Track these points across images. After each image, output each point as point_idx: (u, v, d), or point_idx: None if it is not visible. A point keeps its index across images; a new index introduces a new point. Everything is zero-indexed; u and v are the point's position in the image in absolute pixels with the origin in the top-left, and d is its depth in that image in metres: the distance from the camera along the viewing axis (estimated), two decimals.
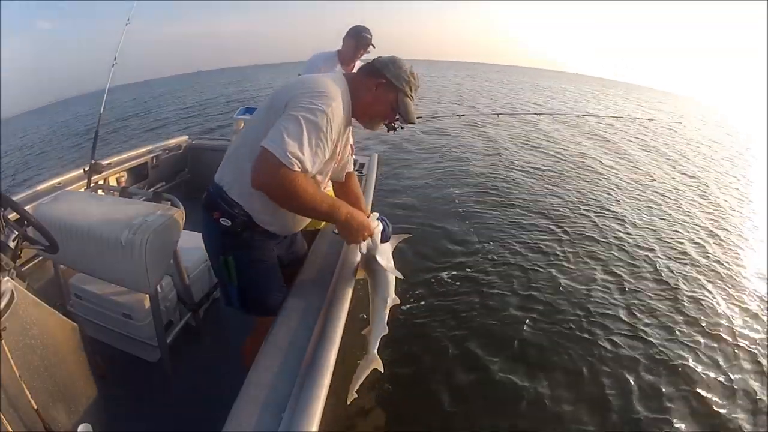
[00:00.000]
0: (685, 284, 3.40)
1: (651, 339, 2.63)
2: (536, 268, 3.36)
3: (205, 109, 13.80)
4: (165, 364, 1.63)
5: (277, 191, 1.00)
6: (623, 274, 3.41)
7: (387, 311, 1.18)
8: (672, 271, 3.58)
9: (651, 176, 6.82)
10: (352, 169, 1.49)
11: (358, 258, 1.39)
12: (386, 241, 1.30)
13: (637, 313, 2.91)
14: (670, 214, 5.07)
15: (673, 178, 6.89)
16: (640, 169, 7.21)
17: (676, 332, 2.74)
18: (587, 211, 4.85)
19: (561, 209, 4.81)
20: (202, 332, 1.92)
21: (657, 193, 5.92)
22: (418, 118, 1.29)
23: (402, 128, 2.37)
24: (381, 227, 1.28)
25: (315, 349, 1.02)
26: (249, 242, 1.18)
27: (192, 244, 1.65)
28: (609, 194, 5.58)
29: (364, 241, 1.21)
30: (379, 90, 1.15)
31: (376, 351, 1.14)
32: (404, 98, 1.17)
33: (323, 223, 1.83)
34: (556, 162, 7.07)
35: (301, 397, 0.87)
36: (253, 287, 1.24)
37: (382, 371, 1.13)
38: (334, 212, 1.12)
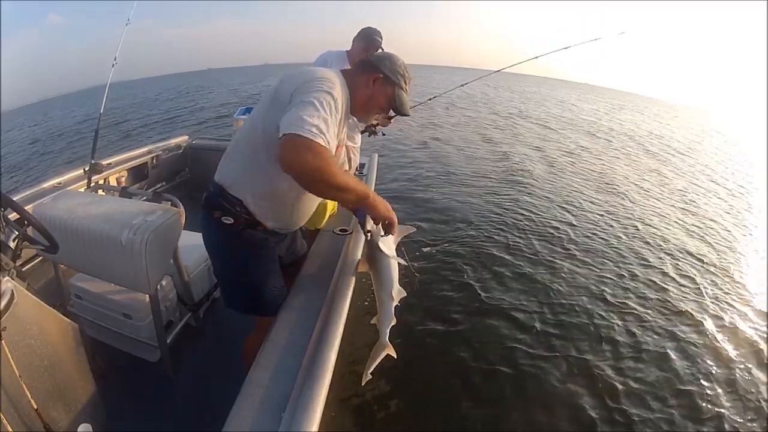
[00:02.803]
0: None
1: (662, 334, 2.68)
2: (546, 265, 3.39)
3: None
4: (165, 364, 1.63)
5: (307, 168, 0.91)
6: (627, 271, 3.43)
7: (392, 302, 1.18)
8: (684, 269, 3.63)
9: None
10: (347, 168, 1.49)
11: (360, 253, 1.38)
12: None
13: (644, 307, 2.95)
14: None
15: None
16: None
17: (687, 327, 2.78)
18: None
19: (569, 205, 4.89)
20: (202, 332, 1.92)
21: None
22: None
23: (383, 134, 2.43)
24: None
25: (315, 349, 1.02)
26: (250, 241, 1.18)
27: (192, 244, 1.65)
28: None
29: (392, 220, 1.18)
30: (376, 84, 1.17)
31: (387, 339, 1.15)
32: (400, 91, 1.20)
33: (323, 222, 1.83)
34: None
35: (301, 397, 0.86)
36: (256, 286, 1.24)
37: (395, 357, 1.14)
38: (362, 188, 1.06)
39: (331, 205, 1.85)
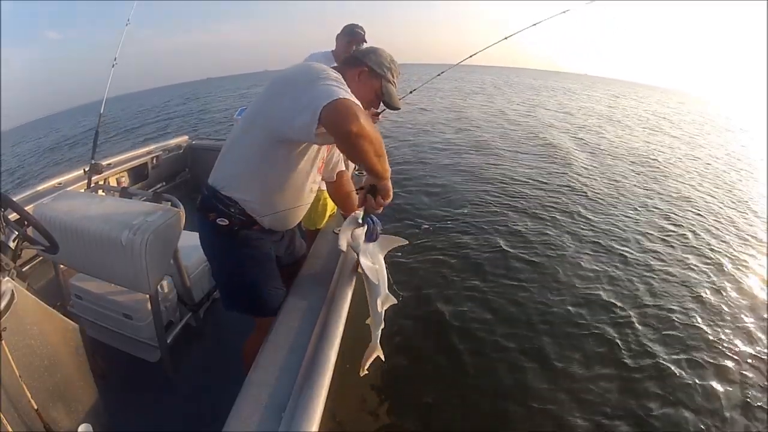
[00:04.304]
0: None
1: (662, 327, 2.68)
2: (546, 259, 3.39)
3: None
4: (165, 364, 1.63)
5: (364, 127, 0.90)
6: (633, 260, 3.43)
7: (381, 308, 1.21)
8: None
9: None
10: (344, 168, 1.50)
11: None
12: (372, 241, 1.27)
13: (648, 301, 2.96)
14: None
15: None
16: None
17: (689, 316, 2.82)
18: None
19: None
20: (203, 332, 1.92)
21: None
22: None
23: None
24: (365, 227, 1.25)
25: (315, 349, 1.02)
26: (246, 241, 1.18)
27: (192, 245, 1.64)
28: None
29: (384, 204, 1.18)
30: (363, 78, 1.17)
31: (377, 342, 1.24)
32: (387, 84, 1.19)
33: (323, 222, 1.83)
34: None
35: (301, 396, 0.87)
36: (254, 287, 1.24)
37: (383, 359, 1.26)
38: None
39: (331, 206, 1.85)
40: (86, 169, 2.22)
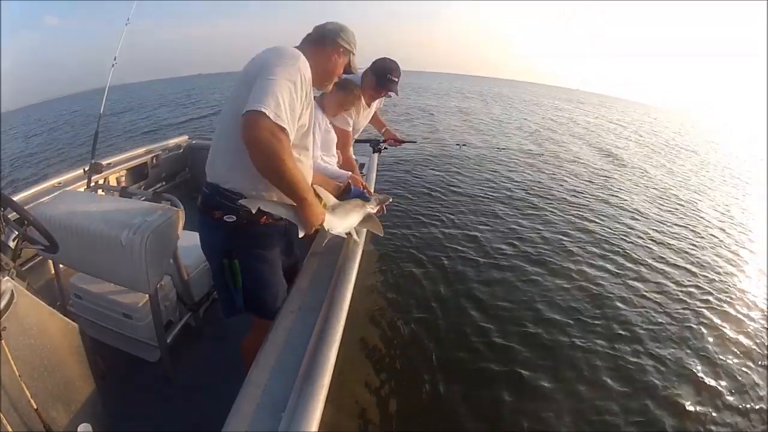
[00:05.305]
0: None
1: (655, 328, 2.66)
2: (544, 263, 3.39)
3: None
4: (165, 364, 1.63)
5: (259, 144, 0.96)
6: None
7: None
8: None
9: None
10: (332, 150, 1.58)
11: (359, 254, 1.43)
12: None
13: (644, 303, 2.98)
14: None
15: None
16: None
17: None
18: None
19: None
20: (202, 332, 1.92)
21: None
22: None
23: (386, 149, 2.66)
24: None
25: (315, 349, 1.01)
26: (256, 237, 1.18)
27: (192, 244, 1.64)
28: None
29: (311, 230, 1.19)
30: (335, 56, 1.25)
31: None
32: (354, 59, 1.32)
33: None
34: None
35: (301, 396, 0.86)
36: (262, 287, 1.22)
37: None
38: (305, 187, 1.08)
39: None
40: (86, 169, 2.22)
